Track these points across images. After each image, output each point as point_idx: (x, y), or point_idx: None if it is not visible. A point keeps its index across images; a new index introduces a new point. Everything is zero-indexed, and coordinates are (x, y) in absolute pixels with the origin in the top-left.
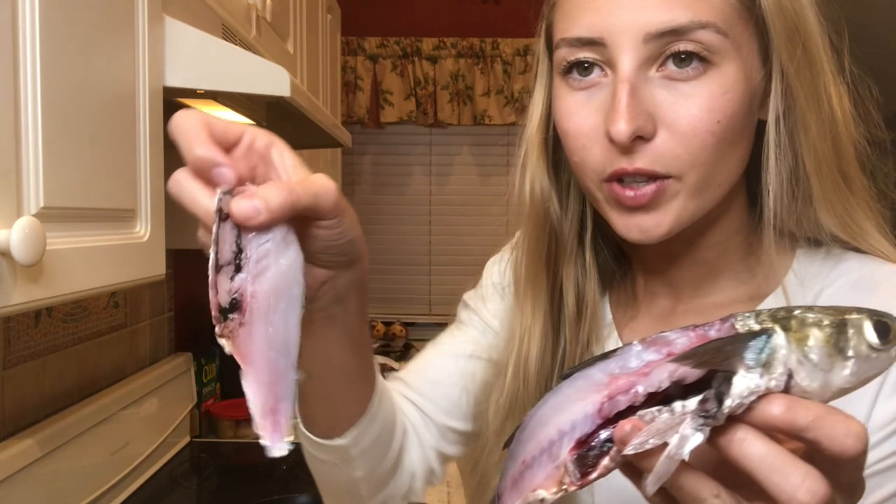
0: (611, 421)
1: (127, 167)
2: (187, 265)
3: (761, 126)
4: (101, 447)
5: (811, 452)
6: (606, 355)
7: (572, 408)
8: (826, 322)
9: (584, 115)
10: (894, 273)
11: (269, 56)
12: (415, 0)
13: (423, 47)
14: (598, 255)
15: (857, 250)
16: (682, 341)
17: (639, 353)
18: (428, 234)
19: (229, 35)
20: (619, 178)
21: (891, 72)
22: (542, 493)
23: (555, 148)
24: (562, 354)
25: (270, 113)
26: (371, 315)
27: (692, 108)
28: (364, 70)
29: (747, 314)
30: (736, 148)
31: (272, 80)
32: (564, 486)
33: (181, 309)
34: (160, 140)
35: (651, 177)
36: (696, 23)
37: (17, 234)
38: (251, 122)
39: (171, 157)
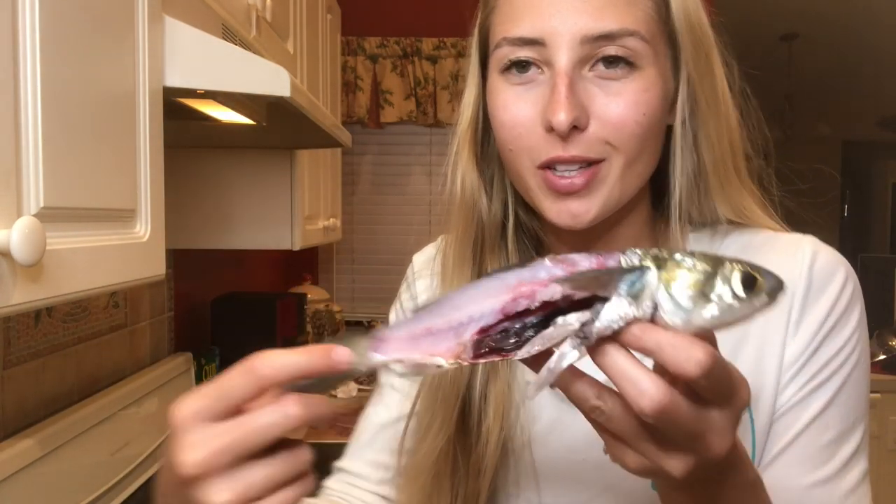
0: (510, 318)
1: (127, 167)
2: (187, 265)
3: (668, 130)
4: (101, 447)
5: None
6: (522, 264)
7: (484, 302)
8: (699, 267)
9: (522, 106)
10: (771, 238)
11: (269, 56)
12: (415, 0)
13: (423, 47)
14: (519, 249)
15: (738, 227)
16: (585, 264)
17: (548, 267)
18: (428, 235)
19: (229, 35)
20: (553, 166)
21: (888, 79)
22: (441, 361)
23: (482, 144)
24: None
25: (270, 113)
26: (371, 315)
27: (621, 103)
28: (364, 70)
29: (637, 251)
30: (655, 143)
31: (272, 80)
32: (459, 361)
33: (181, 309)
34: (160, 140)
35: (584, 164)
36: (625, 30)
37: (17, 234)
38: (251, 121)
39: (171, 156)
